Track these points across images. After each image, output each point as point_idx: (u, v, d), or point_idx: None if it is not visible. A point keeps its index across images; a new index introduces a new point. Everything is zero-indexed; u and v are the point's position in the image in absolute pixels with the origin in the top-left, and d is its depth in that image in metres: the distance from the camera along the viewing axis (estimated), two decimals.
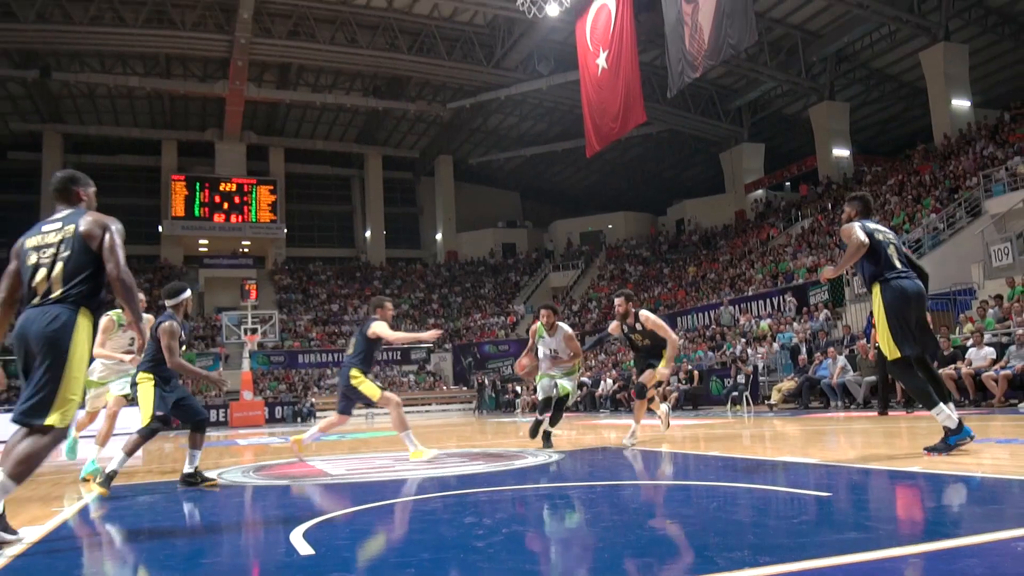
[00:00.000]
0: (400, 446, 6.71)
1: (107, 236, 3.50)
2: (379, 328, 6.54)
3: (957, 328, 13.15)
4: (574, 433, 11.20)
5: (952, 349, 12.19)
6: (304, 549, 3.06)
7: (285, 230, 37.41)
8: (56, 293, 3.32)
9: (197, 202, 35.25)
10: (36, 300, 3.33)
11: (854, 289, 18.45)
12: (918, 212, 20.57)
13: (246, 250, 37.31)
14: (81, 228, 3.45)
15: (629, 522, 3.38)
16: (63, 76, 29.22)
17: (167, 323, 5.22)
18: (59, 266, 3.36)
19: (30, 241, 3.50)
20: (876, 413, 10.98)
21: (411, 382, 32.15)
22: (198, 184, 35.44)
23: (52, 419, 3.14)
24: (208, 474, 5.76)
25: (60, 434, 3.23)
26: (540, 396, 7.94)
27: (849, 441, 7.32)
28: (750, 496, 3.85)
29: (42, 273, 3.36)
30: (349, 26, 27.47)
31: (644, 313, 7.34)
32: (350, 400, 6.69)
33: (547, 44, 27.26)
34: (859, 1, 24.11)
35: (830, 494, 3.81)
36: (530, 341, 7.86)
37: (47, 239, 3.48)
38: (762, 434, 9.25)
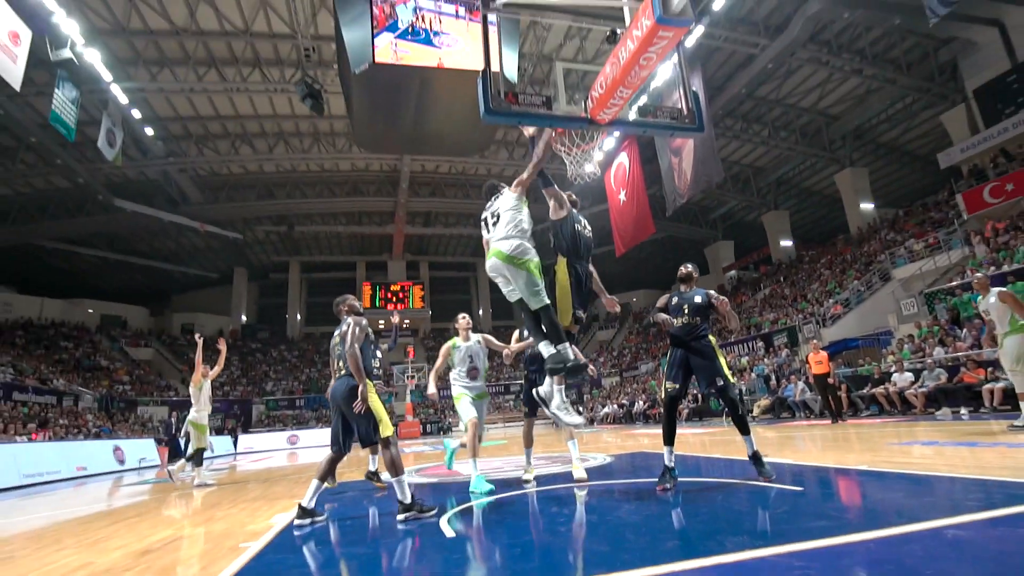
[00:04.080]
0: (502, 452, 6.50)
1: (346, 328, 3.98)
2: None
3: (882, 360, 12.15)
4: (619, 439, 10.75)
5: (880, 375, 11.27)
6: (448, 532, 3.01)
7: (430, 312, 38.05)
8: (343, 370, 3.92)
9: (377, 298, 36.34)
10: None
11: (804, 334, 17.42)
12: (844, 280, 19.42)
13: (406, 326, 38.40)
14: (341, 328, 4.05)
15: (659, 509, 3.20)
16: (301, 228, 31.28)
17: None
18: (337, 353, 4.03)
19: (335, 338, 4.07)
20: (829, 422, 10.16)
21: (510, 404, 31.78)
22: (378, 287, 36.51)
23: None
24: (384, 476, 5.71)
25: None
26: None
27: (812, 444, 6.78)
28: (745, 490, 3.59)
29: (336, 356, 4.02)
30: (464, 186, 28.62)
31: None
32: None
33: (586, 188, 27.59)
34: (789, 146, 23.69)
35: (802, 488, 3.52)
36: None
37: (335, 338, 4.08)
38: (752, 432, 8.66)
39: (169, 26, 16.57)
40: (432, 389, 5.20)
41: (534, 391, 4.09)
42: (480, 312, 40.75)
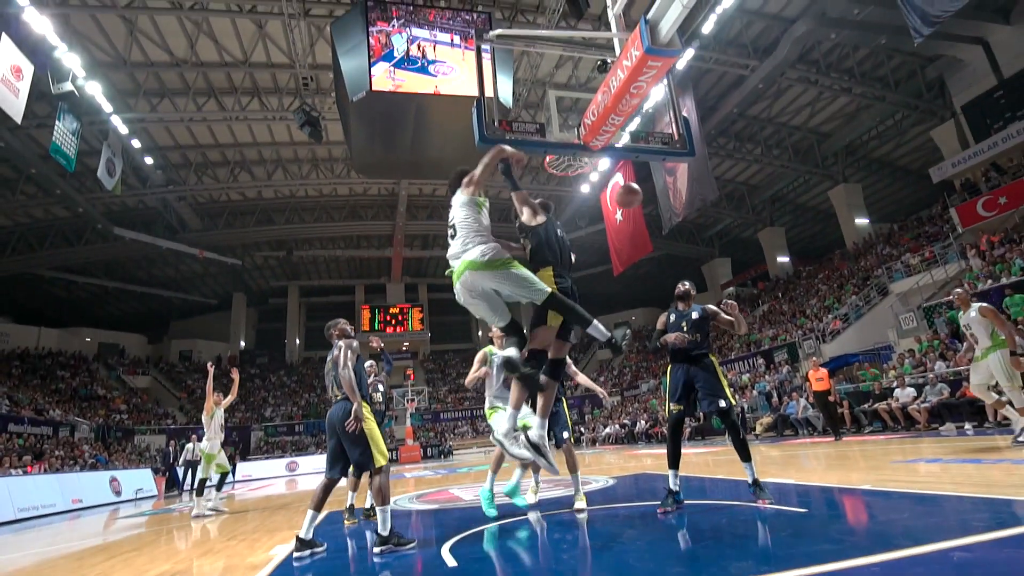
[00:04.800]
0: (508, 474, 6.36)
1: (338, 352, 3.94)
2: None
3: (883, 375, 12.10)
4: (621, 460, 10.63)
5: (881, 390, 11.22)
6: (450, 562, 2.97)
7: (429, 335, 37.88)
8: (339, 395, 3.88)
9: (376, 320, 36.23)
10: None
11: (804, 350, 17.38)
12: (842, 295, 19.47)
13: (405, 348, 38.18)
14: (333, 352, 3.99)
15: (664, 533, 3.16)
16: (300, 253, 31.33)
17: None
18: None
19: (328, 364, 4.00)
20: (832, 439, 10.08)
21: None
22: (376, 310, 36.42)
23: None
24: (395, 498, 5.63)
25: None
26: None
27: (816, 463, 6.72)
28: (749, 512, 3.56)
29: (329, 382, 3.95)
30: None
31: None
32: None
33: (584, 207, 27.84)
34: (783, 163, 23.96)
35: (806, 510, 3.48)
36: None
37: (328, 364, 4.04)
38: (754, 458, 8.58)
39: (169, 58, 16.86)
40: (473, 376, 4.67)
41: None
42: (480, 334, 40.61)
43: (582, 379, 4.90)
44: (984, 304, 6.00)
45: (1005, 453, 5.24)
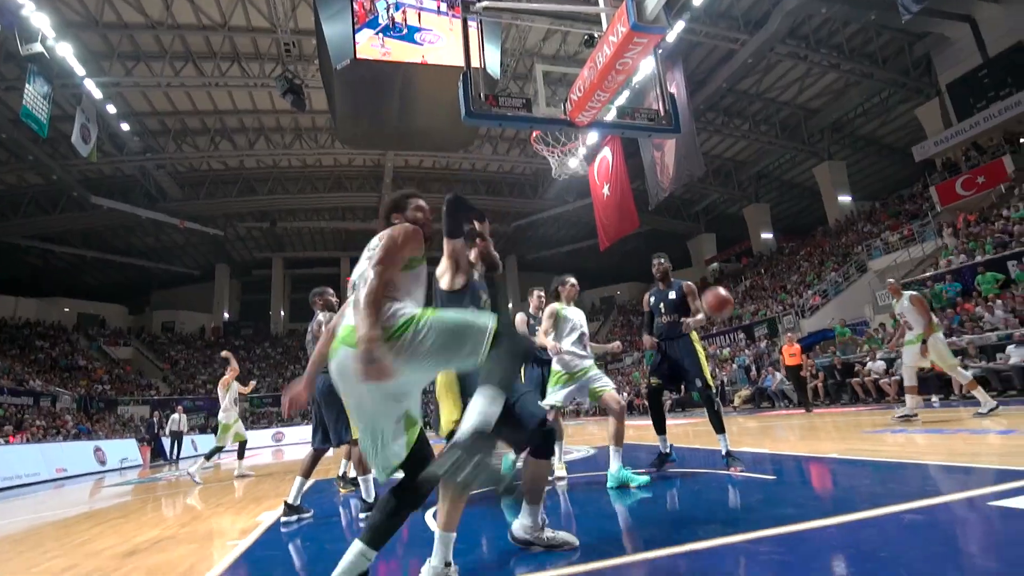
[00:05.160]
0: None
1: (317, 327, 3.85)
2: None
3: (857, 348, 12.46)
4: (604, 431, 10.90)
5: (844, 363, 11.60)
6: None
7: None
8: None
9: None
10: None
11: (784, 325, 17.76)
12: (823, 272, 19.83)
13: None
14: (312, 326, 3.83)
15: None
16: (284, 224, 30.90)
17: None
18: None
19: None
20: (804, 411, 10.43)
21: None
22: None
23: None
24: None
25: None
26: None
27: (790, 433, 6.97)
28: (722, 479, 3.72)
29: None
30: (449, 181, 28.51)
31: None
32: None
33: (571, 182, 27.67)
34: (770, 139, 24.04)
35: (775, 478, 3.66)
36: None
37: (308, 335, 3.91)
38: (731, 429, 8.86)
39: (144, 19, 16.23)
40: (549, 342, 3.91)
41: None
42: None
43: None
44: (914, 293, 6.55)
45: (966, 424, 5.50)
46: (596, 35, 3.42)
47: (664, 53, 3.79)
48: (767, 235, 29.18)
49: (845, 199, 24.65)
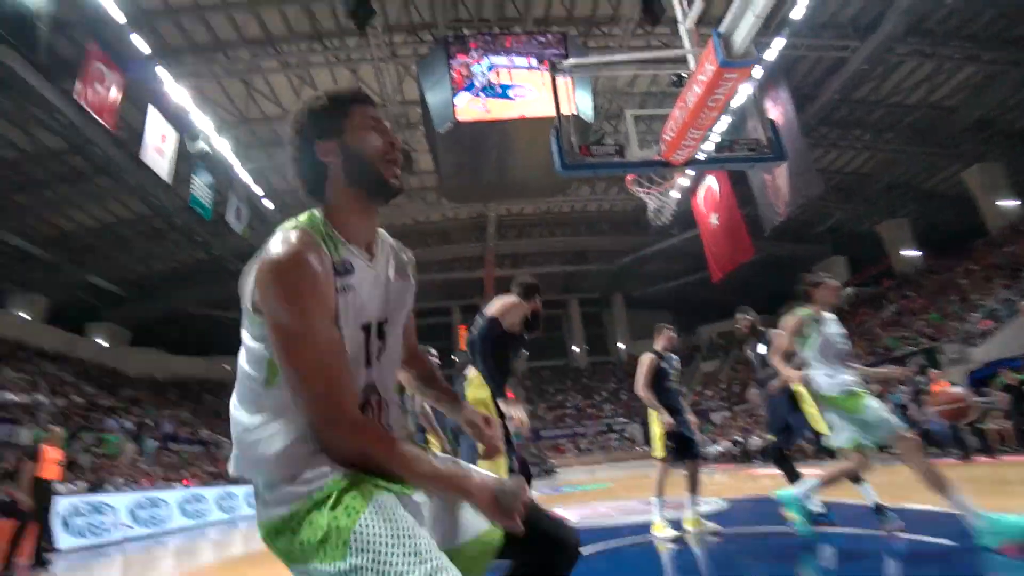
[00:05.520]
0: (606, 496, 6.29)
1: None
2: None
3: None
4: (736, 482, 10.03)
5: None
6: None
7: (527, 352, 37.98)
8: None
9: None
10: None
11: (947, 355, 15.40)
12: (991, 289, 17.08)
13: None
14: None
15: None
16: None
17: None
18: None
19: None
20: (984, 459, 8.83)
21: (614, 444, 30.82)
22: None
23: None
24: None
25: None
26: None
27: (969, 487, 5.92)
28: (886, 543, 3.23)
29: None
30: (550, 224, 29.04)
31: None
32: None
33: (676, 213, 26.86)
34: (898, 147, 21.77)
35: (955, 543, 3.11)
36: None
37: None
38: (888, 478, 7.75)
39: (280, 111, 18.84)
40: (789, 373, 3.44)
41: None
42: (575, 348, 40.38)
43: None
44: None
45: None
46: (684, 75, 3.39)
47: (761, 79, 3.66)
48: (910, 252, 25.95)
49: (1007, 203, 21.31)
